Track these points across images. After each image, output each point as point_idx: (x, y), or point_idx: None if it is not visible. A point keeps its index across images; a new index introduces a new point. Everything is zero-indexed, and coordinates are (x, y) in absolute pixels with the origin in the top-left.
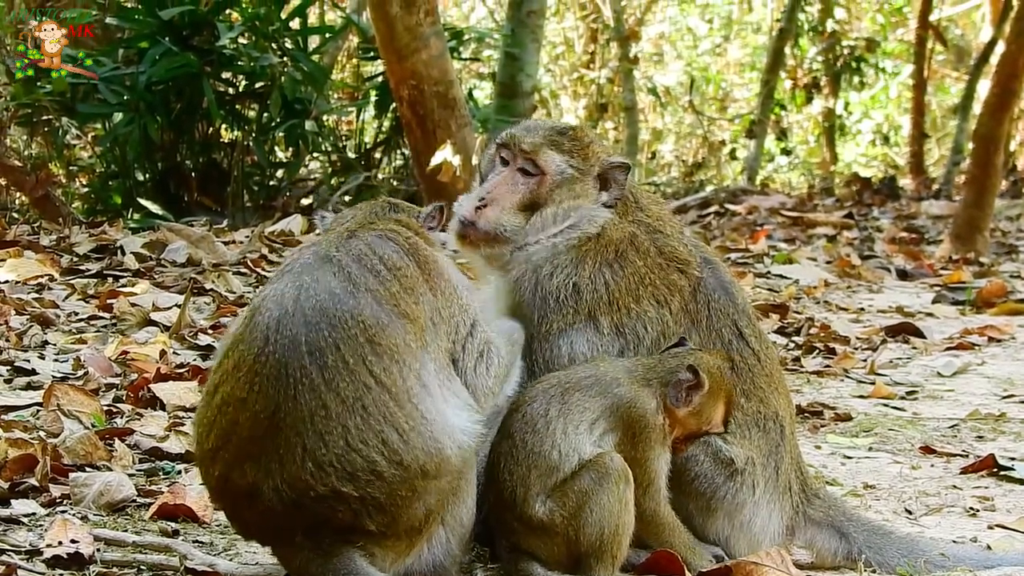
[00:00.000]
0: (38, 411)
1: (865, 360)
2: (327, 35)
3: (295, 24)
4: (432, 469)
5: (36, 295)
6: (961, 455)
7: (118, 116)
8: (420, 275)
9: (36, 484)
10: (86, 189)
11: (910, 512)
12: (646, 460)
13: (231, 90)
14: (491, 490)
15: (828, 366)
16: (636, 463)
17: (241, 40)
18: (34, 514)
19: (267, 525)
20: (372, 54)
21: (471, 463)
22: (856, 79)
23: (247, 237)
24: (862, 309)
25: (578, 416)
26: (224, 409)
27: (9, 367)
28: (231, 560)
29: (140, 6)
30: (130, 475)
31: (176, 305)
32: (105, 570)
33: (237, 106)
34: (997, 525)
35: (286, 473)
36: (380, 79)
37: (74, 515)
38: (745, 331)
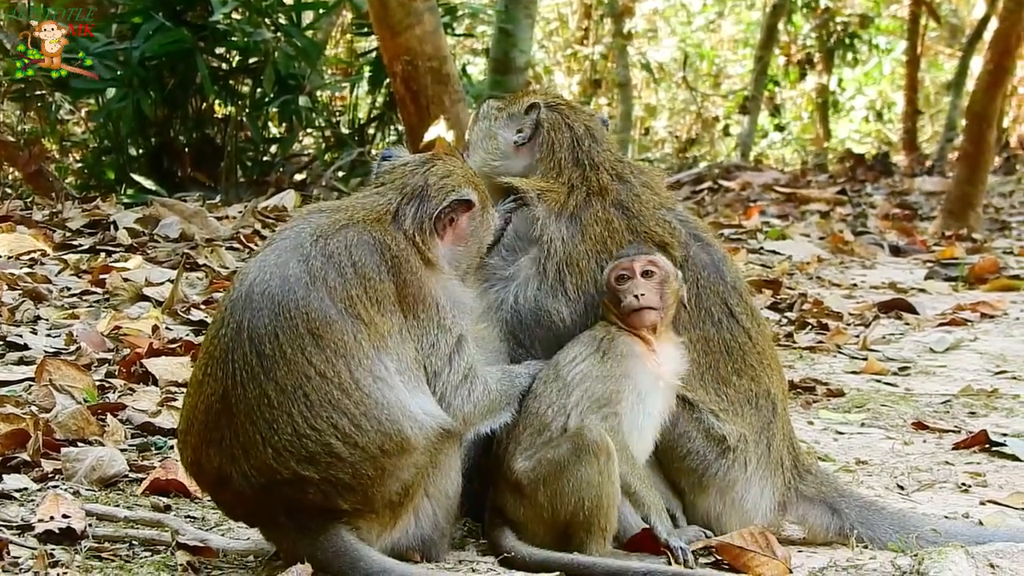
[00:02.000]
0: (30, 386)
1: (858, 336)
2: (321, 10)
3: None
4: (392, 448)
5: (29, 270)
6: (953, 431)
7: (111, 91)
8: (394, 294)
9: (28, 459)
10: (79, 164)
11: (902, 488)
12: (611, 375)
13: (225, 65)
14: (488, 456)
15: (821, 342)
16: (607, 377)
17: (235, 15)
18: (26, 489)
19: (245, 508)
20: (366, 30)
21: (448, 439)
22: (850, 55)
23: (240, 212)
24: (855, 285)
25: (567, 369)
26: (189, 391)
27: (1, 342)
28: (223, 535)
29: None
30: (122, 450)
31: (169, 280)
32: (97, 545)
33: (231, 81)
34: (989, 501)
35: (252, 459)
36: (374, 55)
37: (66, 490)
38: (735, 309)
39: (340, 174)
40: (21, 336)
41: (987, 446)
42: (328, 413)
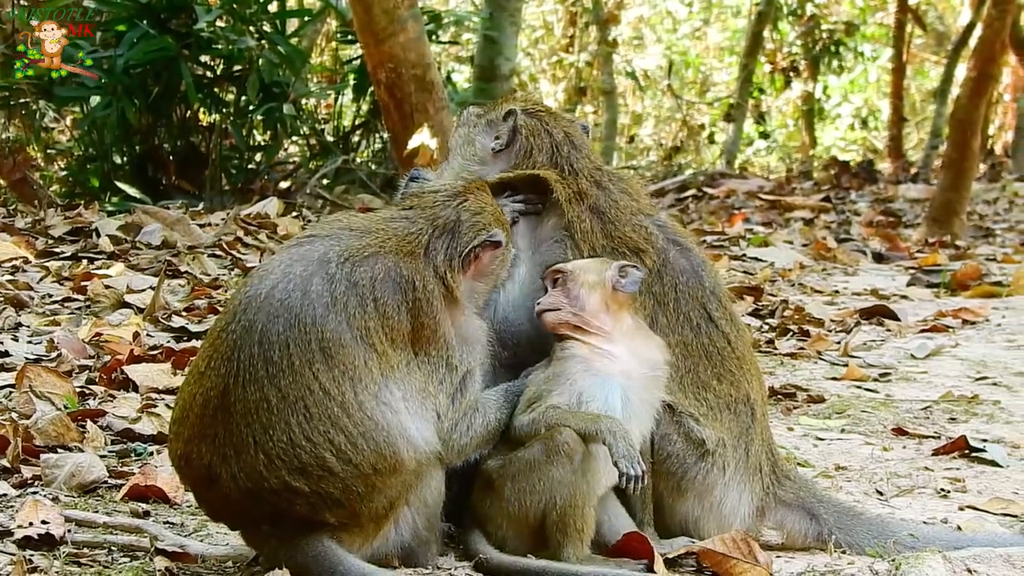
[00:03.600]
0: (11, 392)
1: (839, 342)
2: (305, 18)
3: (273, 7)
4: (385, 468)
5: (10, 277)
6: (933, 437)
7: (96, 99)
8: (409, 333)
9: (7, 465)
10: (64, 172)
11: (881, 493)
12: (547, 377)
13: (209, 73)
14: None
15: (802, 348)
16: (544, 379)
17: (219, 23)
18: (5, 495)
19: (230, 511)
20: (350, 37)
21: (438, 460)
22: (835, 63)
23: (223, 220)
24: (837, 292)
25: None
26: (188, 381)
27: None
28: (202, 541)
29: None
30: (102, 456)
31: (150, 287)
32: (76, 551)
33: (215, 89)
34: (968, 506)
35: (242, 462)
36: (358, 62)
37: (45, 496)
38: (715, 314)
39: (325, 181)
40: (2, 343)
41: (966, 452)
42: (326, 428)
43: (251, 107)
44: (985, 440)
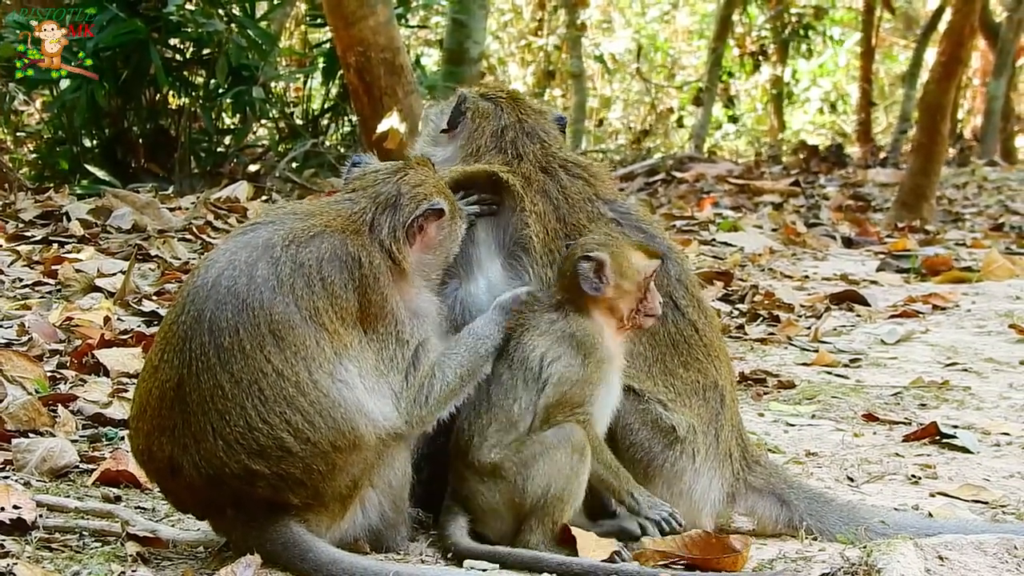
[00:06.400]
0: None
1: (809, 328)
2: (274, 1)
3: None
4: (345, 445)
5: None
6: (904, 423)
7: (65, 82)
8: (357, 311)
9: None
10: (34, 155)
11: (852, 479)
12: (590, 380)
13: (178, 56)
14: (448, 440)
15: (772, 334)
16: (586, 382)
17: (188, 6)
18: None
19: (195, 499)
20: (320, 20)
21: (401, 437)
22: (804, 47)
23: (193, 204)
24: (807, 277)
25: (539, 365)
26: (143, 376)
27: None
28: (173, 526)
29: None
30: (73, 441)
31: (121, 271)
32: (47, 536)
33: (184, 72)
34: (938, 492)
35: (202, 449)
36: (328, 46)
37: (16, 481)
38: (680, 302)
39: (294, 165)
40: None
41: (937, 438)
42: (281, 408)
43: (220, 90)
44: (956, 426)
